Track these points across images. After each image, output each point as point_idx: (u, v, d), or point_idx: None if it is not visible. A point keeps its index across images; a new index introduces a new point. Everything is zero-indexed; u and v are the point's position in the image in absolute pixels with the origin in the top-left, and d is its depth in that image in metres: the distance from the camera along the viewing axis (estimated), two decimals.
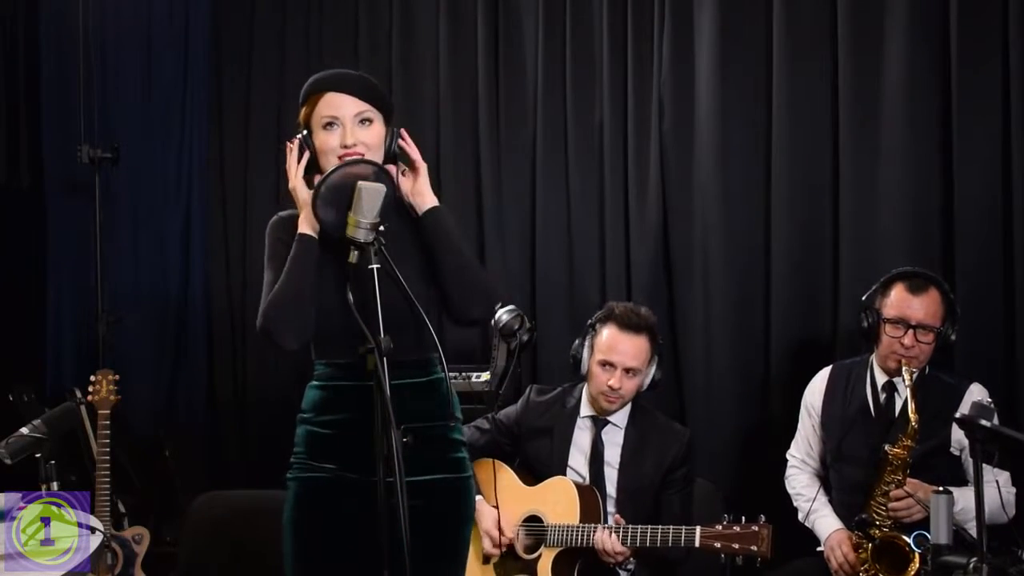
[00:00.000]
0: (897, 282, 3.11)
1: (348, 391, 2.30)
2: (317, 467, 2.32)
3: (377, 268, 2.15)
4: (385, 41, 4.49)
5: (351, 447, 2.29)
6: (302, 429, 2.37)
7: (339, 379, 2.32)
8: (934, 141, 3.53)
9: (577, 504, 3.07)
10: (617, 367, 3.11)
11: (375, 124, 2.31)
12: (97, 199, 4.54)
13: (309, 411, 2.36)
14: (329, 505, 2.31)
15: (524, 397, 3.37)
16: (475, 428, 3.32)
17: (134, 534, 3.83)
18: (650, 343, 3.15)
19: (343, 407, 2.31)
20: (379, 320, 2.12)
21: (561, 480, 3.16)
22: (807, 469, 3.33)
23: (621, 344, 3.12)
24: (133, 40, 4.86)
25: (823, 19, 3.68)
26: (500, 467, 3.25)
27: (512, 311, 3.77)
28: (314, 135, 2.31)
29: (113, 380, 3.70)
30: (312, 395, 2.36)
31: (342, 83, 2.31)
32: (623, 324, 3.13)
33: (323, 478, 2.32)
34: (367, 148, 2.28)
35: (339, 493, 2.30)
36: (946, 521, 2.42)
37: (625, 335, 3.12)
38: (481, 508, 3.15)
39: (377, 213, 2.16)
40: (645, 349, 3.13)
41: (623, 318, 3.14)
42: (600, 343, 3.15)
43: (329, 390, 2.34)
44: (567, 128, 4.15)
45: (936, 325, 3.04)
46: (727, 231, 3.84)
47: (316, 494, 2.32)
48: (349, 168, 2.22)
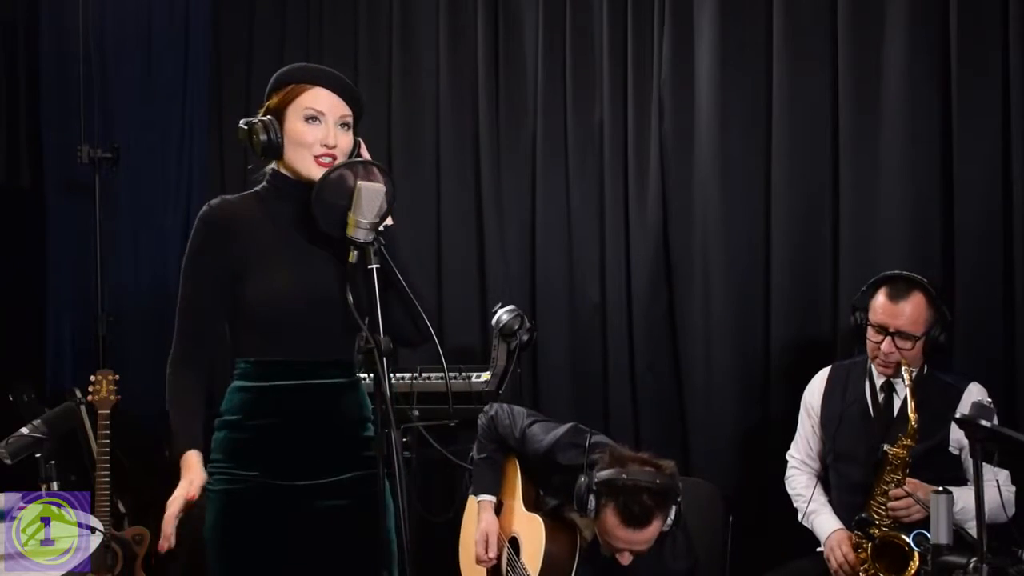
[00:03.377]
0: (881, 286, 3.10)
1: (279, 391, 2.24)
2: (240, 475, 2.24)
3: (377, 268, 2.15)
4: (385, 41, 4.49)
5: (277, 451, 2.24)
6: (222, 434, 2.28)
7: (268, 379, 2.25)
8: (934, 141, 3.52)
9: (543, 549, 2.96)
10: (627, 552, 2.76)
11: (350, 131, 2.30)
12: (97, 199, 4.55)
13: (233, 414, 2.28)
14: (256, 514, 2.24)
15: (555, 439, 3.03)
16: (511, 428, 3.18)
17: (134, 534, 3.83)
18: (662, 518, 2.72)
19: (272, 409, 2.25)
20: (378, 320, 2.11)
21: (536, 520, 3.07)
22: (807, 470, 3.33)
23: (629, 539, 2.72)
24: (133, 40, 4.86)
25: (823, 19, 3.68)
26: (517, 474, 3.21)
27: (512, 311, 3.78)
28: (287, 122, 2.27)
29: (113, 380, 3.70)
30: (237, 397, 2.28)
31: (332, 81, 2.29)
32: (633, 521, 2.70)
33: (249, 487, 2.24)
34: (341, 153, 2.27)
35: (266, 500, 2.23)
36: (946, 521, 2.42)
37: (633, 531, 2.71)
38: (484, 511, 3.16)
39: (377, 213, 2.16)
40: (656, 530, 2.73)
41: (632, 516, 2.69)
42: (609, 532, 2.75)
43: (255, 391, 2.26)
44: (567, 128, 4.15)
45: (916, 332, 3.03)
46: (727, 231, 3.84)
47: (243, 505, 2.24)
48: (348, 168, 2.21)
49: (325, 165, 2.24)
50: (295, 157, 2.27)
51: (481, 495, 3.19)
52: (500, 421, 3.18)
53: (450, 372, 3.80)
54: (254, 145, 2.28)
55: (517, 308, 3.82)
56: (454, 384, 3.77)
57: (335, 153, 2.26)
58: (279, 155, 2.29)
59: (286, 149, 2.27)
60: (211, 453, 2.29)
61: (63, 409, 3.10)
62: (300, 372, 2.24)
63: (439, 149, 4.37)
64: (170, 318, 2.32)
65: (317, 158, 2.25)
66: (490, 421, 3.21)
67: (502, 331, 3.78)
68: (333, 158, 2.26)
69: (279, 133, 2.26)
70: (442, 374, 2.30)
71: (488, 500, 3.17)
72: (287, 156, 2.28)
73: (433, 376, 3.84)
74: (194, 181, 4.85)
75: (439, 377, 3.80)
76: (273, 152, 2.28)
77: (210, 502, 2.27)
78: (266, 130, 2.26)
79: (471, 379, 3.84)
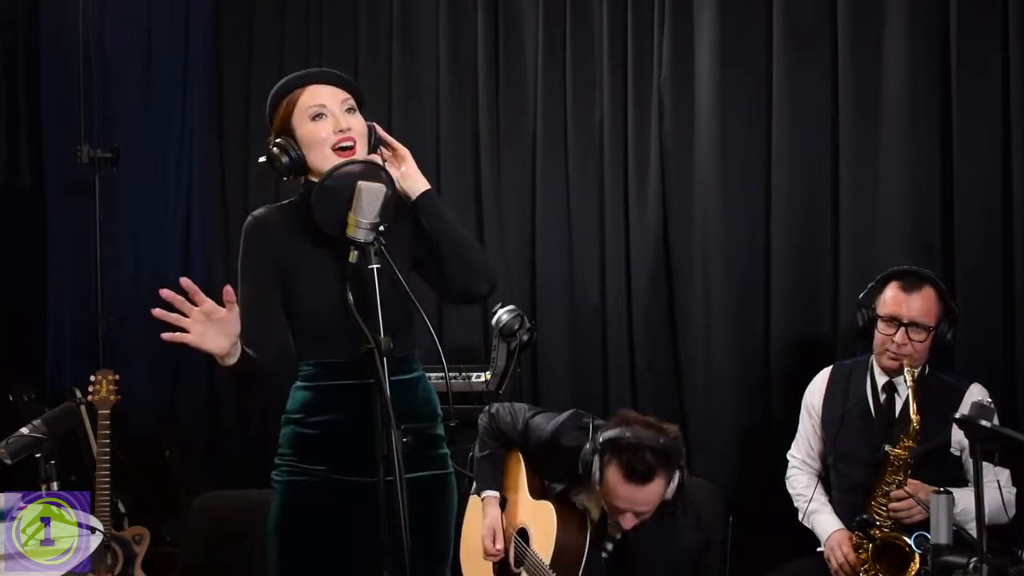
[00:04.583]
0: (892, 280, 3.11)
1: (340, 391, 2.27)
2: (306, 469, 2.29)
3: (377, 268, 2.15)
4: (385, 41, 4.49)
5: (341, 448, 2.27)
6: (289, 430, 2.33)
7: (330, 379, 2.29)
8: (934, 141, 3.53)
9: (554, 536, 2.96)
10: (629, 513, 2.79)
11: (358, 113, 2.32)
12: (97, 199, 4.55)
13: (297, 412, 2.32)
14: (320, 508, 2.28)
15: (558, 425, 3.06)
16: (512, 423, 3.19)
17: (134, 534, 3.83)
18: (664, 477, 2.75)
19: (334, 408, 2.28)
20: (379, 320, 2.12)
21: (547, 507, 3.07)
22: (807, 469, 3.33)
23: (631, 497, 2.75)
24: (133, 40, 4.86)
25: (823, 19, 3.68)
26: (520, 467, 3.22)
27: (512, 311, 3.78)
28: (298, 130, 2.29)
29: (113, 380, 3.69)
30: (300, 396, 2.32)
31: (321, 76, 2.33)
32: (635, 478, 2.72)
33: (313, 481, 2.28)
34: (358, 135, 2.28)
35: (330, 495, 2.27)
36: (946, 521, 2.42)
37: (636, 487, 2.74)
38: (488, 506, 3.16)
39: (377, 213, 2.16)
40: (660, 488, 2.75)
41: (633, 472, 2.72)
42: (611, 492, 2.77)
43: (318, 390, 2.30)
44: (567, 128, 4.15)
45: (929, 324, 3.04)
46: (727, 231, 3.84)
47: (306, 497, 2.29)
48: (348, 168, 2.22)
49: (346, 152, 2.26)
50: (317, 158, 2.28)
51: (485, 492, 3.19)
52: (501, 418, 3.20)
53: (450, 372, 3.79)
54: (279, 171, 2.30)
55: (517, 308, 3.82)
56: (454, 384, 3.78)
57: (351, 136, 2.27)
58: (306, 167, 2.31)
59: (307, 156, 2.29)
60: (279, 448, 2.33)
61: (63, 409, 3.10)
62: (356, 372, 2.22)
63: (439, 149, 4.37)
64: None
65: (335, 148, 2.27)
66: (491, 419, 3.22)
67: (502, 331, 3.78)
68: (351, 140, 2.27)
69: (296, 147, 2.28)
70: (442, 374, 2.28)
71: (492, 496, 3.18)
72: (311, 161, 2.30)
73: (433, 376, 3.83)
74: (194, 181, 4.86)
75: (439, 377, 3.79)
76: (299, 167, 2.30)
77: (275, 493, 2.31)
78: (284, 151, 2.29)
79: (471, 379, 3.84)
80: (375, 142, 2.34)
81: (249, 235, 2.32)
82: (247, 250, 2.32)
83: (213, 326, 2.03)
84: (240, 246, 2.34)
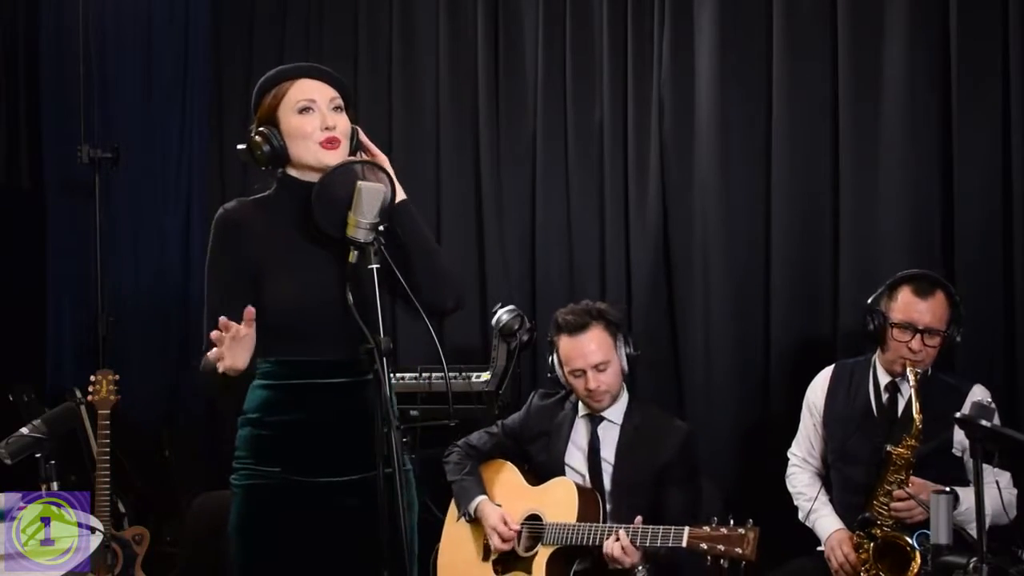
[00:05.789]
0: (904, 285, 3.08)
1: (300, 390, 2.24)
2: (262, 471, 2.25)
3: (377, 268, 2.15)
4: (385, 41, 4.49)
5: (300, 448, 2.25)
6: (245, 431, 2.29)
7: (290, 378, 2.25)
8: (934, 141, 3.53)
9: (576, 505, 3.06)
10: (586, 370, 3.12)
11: (344, 113, 2.30)
12: (97, 199, 4.55)
13: (255, 412, 2.27)
14: (280, 510, 2.25)
15: (528, 403, 3.38)
16: (484, 432, 3.35)
17: (134, 534, 3.83)
18: (605, 330, 3.15)
19: (293, 407, 2.25)
20: (379, 320, 2.12)
21: (563, 481, 3.16)
22: (808, 468, 3.32)
23: (576, 349, 3.13)
24: (133, 40, 4.86)
25: (823, 18, 3.68)
26: (506, 466, 3.28)
27: (512, 311, 3.78)
28: (283, 122, 2.27)
29: (113, 380, 3.70)
30: (258, 395, 2.27)
31: (313, 71, 2.31)
32: (571, 329, 3.15)
33: (272, 483, 2.24)
34: (343, 135, 2.26)
35: (287, 497, 2.24)
36: (946, 521, 2.42)
37: (576, 339, 3.14)
38: (484, 507, 3.17)
39: (377, 213, 2.16)
40: (602, 339, 3.14)
41: (568, 325, 3.15)
42: (563, 356, 3.17)
43: (278, 389, 2.26)
44: (567, 128, 4.15)
45: (942, 329, 3.03)
46: (727, 231, 3.84)
47: (266, 500, 2.25)
48: (348, 168, 2.22)
49: (331, 148, 2.25)
50: (301, 152, 2.26)
51: (475, 500, 3.20)
52: (471, 439, 3.34)
53: (450, 372, 3.80)
54: (258, 160, 2.28)
55: (517, 308, 3.82)
56: (454, 384, 3.78)
57: (336, 135, 2.25)
58: (286, 159, 2.28)
59: (290, 148, 2.27)
60: (235, 450, 2.30)
61: (63, 409, 3.10)
62: (321, 371, 2.23)
63: (439, 148, 4.37)
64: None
65: (321, 143, 2.25)
66: (460, 448, 3.32)
67: (502, 331, 3.78)
68: (336, 139, 2.25)
69: (280, 137, 2.26)
70: (442, 374, 2.28)
71: (483, 499, 3.20)
72: (293, 154, 2.27)
73: (433, 376, 3.83)
74: (194, 181, 4.86)
75: (439, 377, 3.80)
76: (280, 158, 2.28)
77: (234, 497, 2.29)
78: (267, 140, 2.27)
79: (471, 379, 3.84)
80: (356, 145, 2.32)
81: (219, 229, 2.28)
82: (215, 247, 2.28)
83: (235, 345, 2.07)
84: (209, 240, 2.30)
